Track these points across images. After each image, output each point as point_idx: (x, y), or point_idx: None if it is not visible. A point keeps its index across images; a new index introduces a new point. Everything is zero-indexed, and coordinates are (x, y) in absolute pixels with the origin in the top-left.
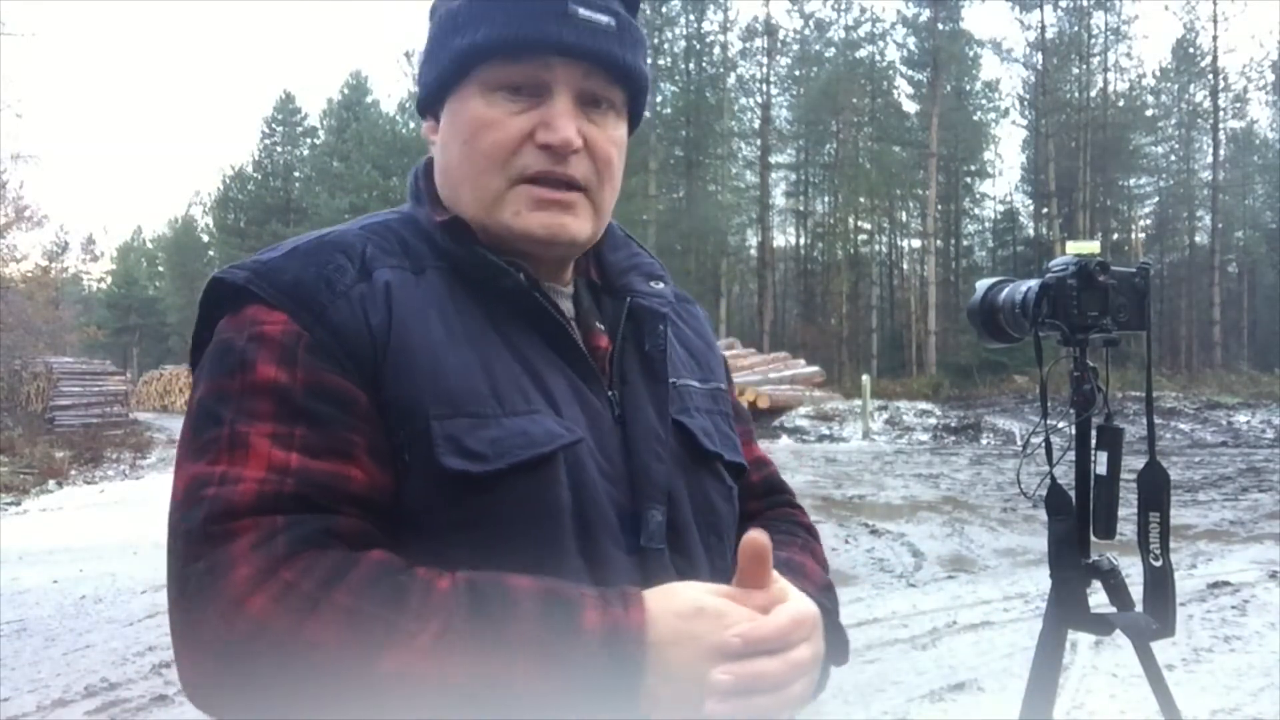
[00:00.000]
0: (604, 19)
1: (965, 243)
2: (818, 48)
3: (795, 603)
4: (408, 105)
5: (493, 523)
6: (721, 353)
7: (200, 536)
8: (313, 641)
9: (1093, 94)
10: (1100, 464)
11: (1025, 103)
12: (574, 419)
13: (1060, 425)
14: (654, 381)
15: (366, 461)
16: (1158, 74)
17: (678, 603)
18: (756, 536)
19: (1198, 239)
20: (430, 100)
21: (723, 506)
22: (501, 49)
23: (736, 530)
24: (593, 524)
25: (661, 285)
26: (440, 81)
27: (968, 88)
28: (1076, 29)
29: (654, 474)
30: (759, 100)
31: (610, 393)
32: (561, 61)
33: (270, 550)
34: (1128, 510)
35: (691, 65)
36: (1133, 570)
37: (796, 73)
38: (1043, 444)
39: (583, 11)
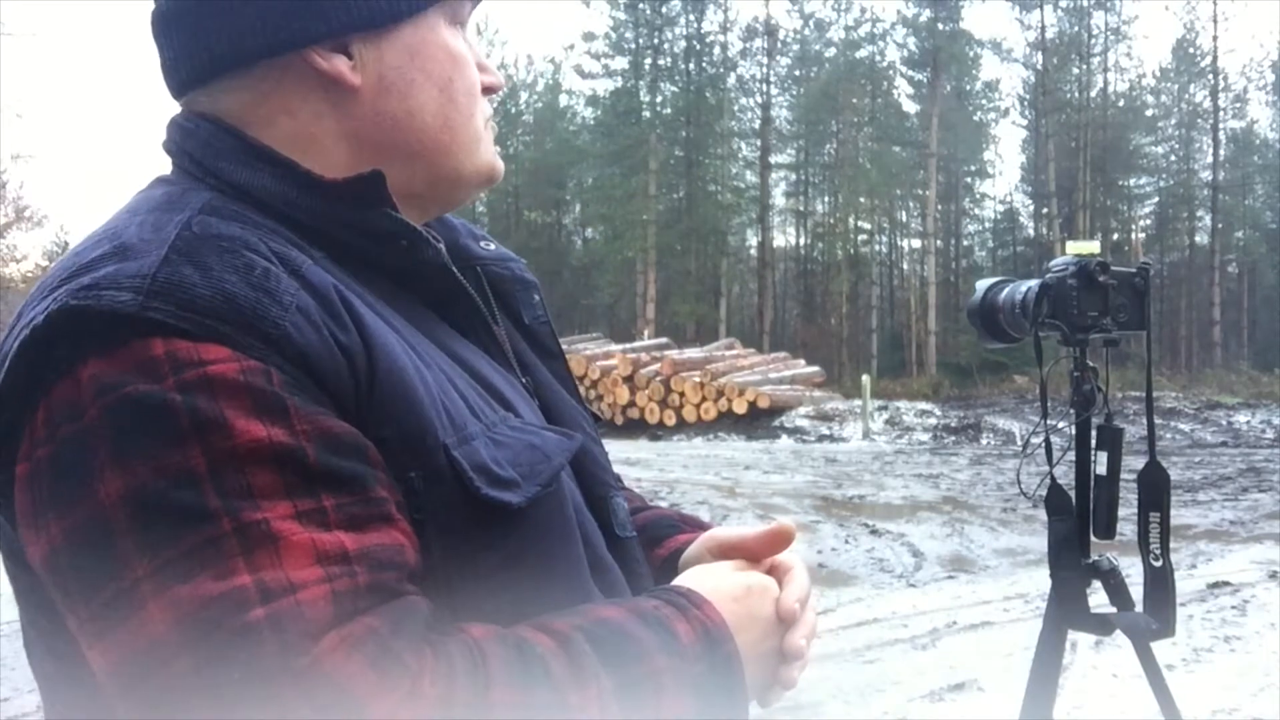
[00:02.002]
0: None
1: (965, 243)
2: (818, 48)
3: (787, 559)
4: None
5: (526, 558)
6: None
7: (286, 676)
8: None
9: (1093, 94)
10: (1100, 464)
11: (1025, 103)
12: (529, 417)
13: (1060, 425)
14: (549, 357)
15: (401, 521)
16: (1158, 74)
17: (726, 586)
18: (789, 526)
19: (1198, 239)
20: (353, 28)
21: (611, 477)
22: None
23: None
24: (585, 528)
25: (493, 245)
26: (399, 7)
27: (968, 88)
28: (1076, 29)
29: (598, 458)
30: (759, 100)
31: (524, 380)
32: None
33: (399, 664)
34: (1128, 510)
35: (691, 65)
36: (1133, 570)
37: (796, 73)
38: (1043, 444)
39: None
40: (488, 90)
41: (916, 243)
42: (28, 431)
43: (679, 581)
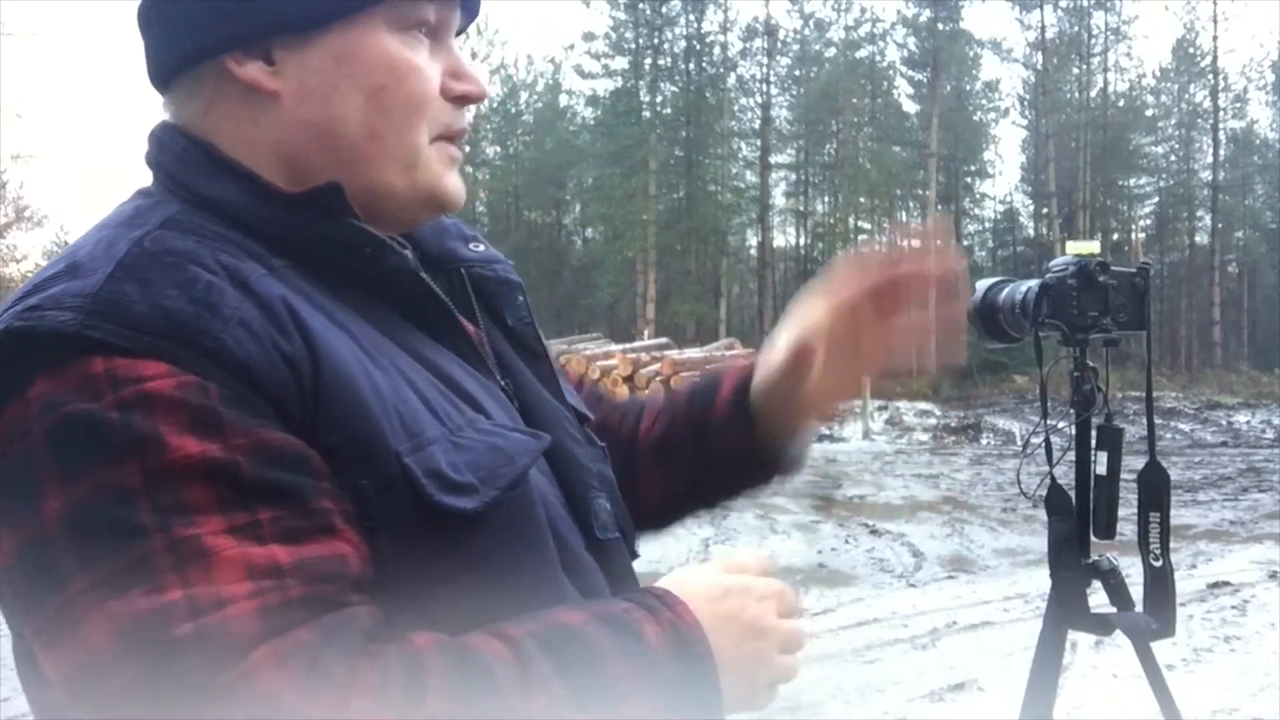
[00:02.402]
0: None
1: (965, 243)
2: (818, 48)
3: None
4: None
5: (489, 562)
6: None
7: (212, 693)
8: None
9: (1093, 94)
10: (1100, 464)
11: (1025, 103)
12: (501, 419)
13: (1060, 425)
14: (533, 359)
15: (347, 530)
16: (1158, 74)
17: (704, 586)
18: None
19: (1198, 239)
20: (271, 33)
21: (608, 471)
22: None
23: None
24: (558, 526)
25: (482, 246)
26: (324, 12)
27: (968, 88)
28: (1076, 29)
29: (580, 459)
30: (759, 100)
31: (503, 383)
32: (454, 3)
33: (327, 678)
34: (1128, 510)
35: (691, 65)
36: (1133, 570)
37: (796, 73)
38: (1043, 444)
39: None
40: (464, 99)
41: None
42: None
43: (659, 583)
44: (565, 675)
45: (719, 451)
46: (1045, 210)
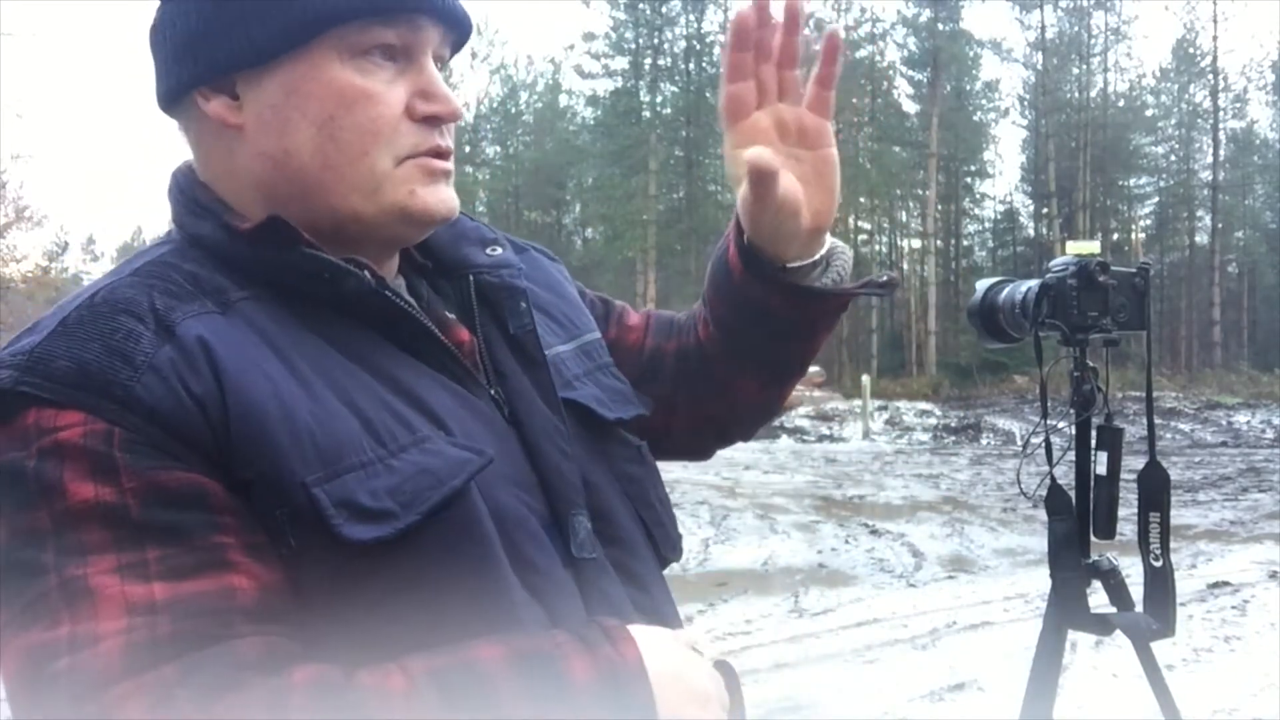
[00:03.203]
0: None
1: (965, 243)
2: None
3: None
4: None
5: (423, 581)
6: (573, 288)
7: None
8: None
9: (1093, 94)
10: (1100, 464)
11: (1025, 103)
12: (467, 433)
13: (1060, 425)
14: (531, 366)
15: (247, 563)
16: (1158, 74)
17: (663, 641)
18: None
19: (1198, 239)
20: (223, 71)
21: (638, 471)
22: (377, 9)
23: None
24: (523, 544)
25: (500, 250)
26: (272, 47)
27: (968, 88)
28: (1076, 29)
29: (566, 473)
30: None
31: (493, 391)
32: (429, 21)
33: (174, 714)
34: (1128, 510)
35: (691, 65)
36: (1133, 570)
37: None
38: (1043, 444)
39: None
40: (433, 120)
41: (916, 243)
42: None
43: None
44: (450, 716)
45: (766, 314)
46: (1045, 210)
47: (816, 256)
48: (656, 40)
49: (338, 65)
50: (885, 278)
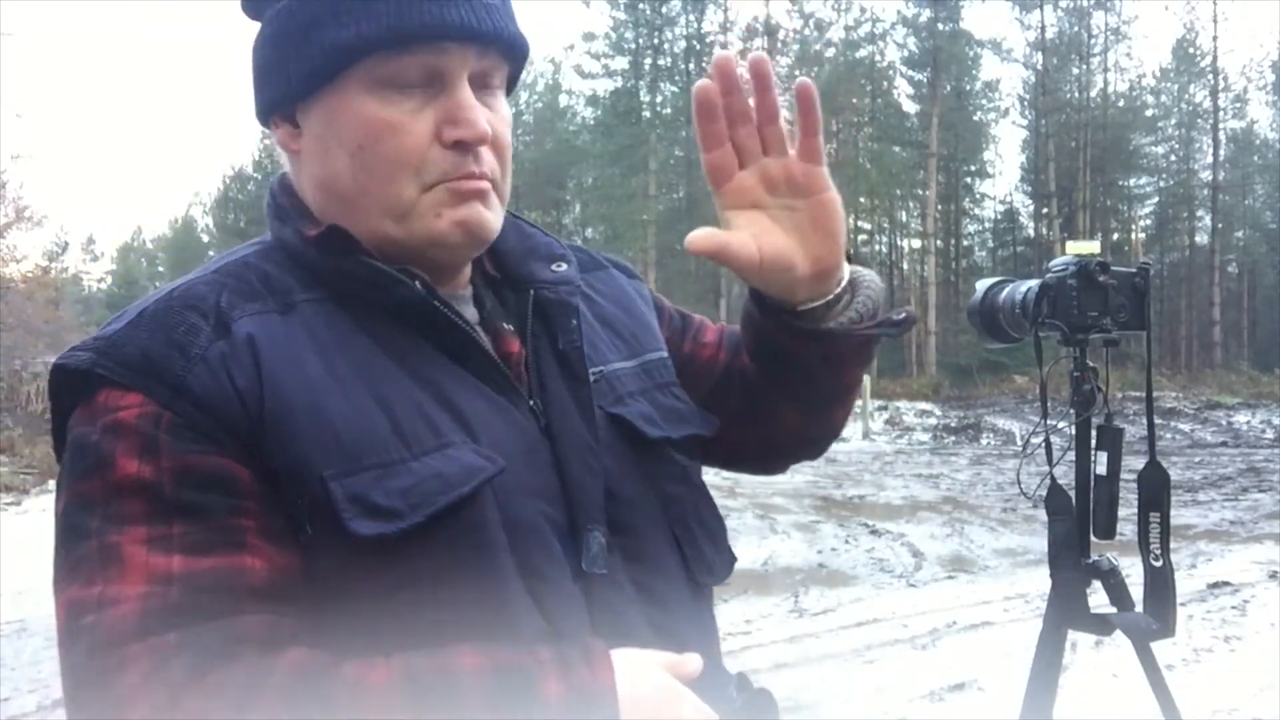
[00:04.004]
0: None
1: (965, 243)
2: (818, 48)
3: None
4: None
5: (425, 581)
6: (648, 304)
7: (86, 677)
8: None
9: (1093, 94)
10: (1100, 464)
11: (1025, 103)
12: (496, 441)
13: (1060, 425)
14: (575, 382)
15: (262, 546)
16: (1158, 74)
17: (650, 673)
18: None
19: (1198, 239)
20: (282, 103)
21: (681, 490)
22: (389, 41)
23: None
24: (533, 554)
25: (565, 266)
26: (305, 82)
27: (968, 88)
28: (1076, 29)
29: (589, 489)
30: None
31: (531, 402)
32: (455, 45)
33: (166, 679)
34: (1128, 510)
35: (691, 65)
36: (1133, 570)
37: (796, 73)
38: (1043, 444)
39: None
40: (460, 145)
41: (916, 243)
42: None
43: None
44: (418, 717)
45: (786, 352)
46: (1045, 210)
47: (831, 296)
48: (656, 40)
49: (364, 97)
50: (902, 315)
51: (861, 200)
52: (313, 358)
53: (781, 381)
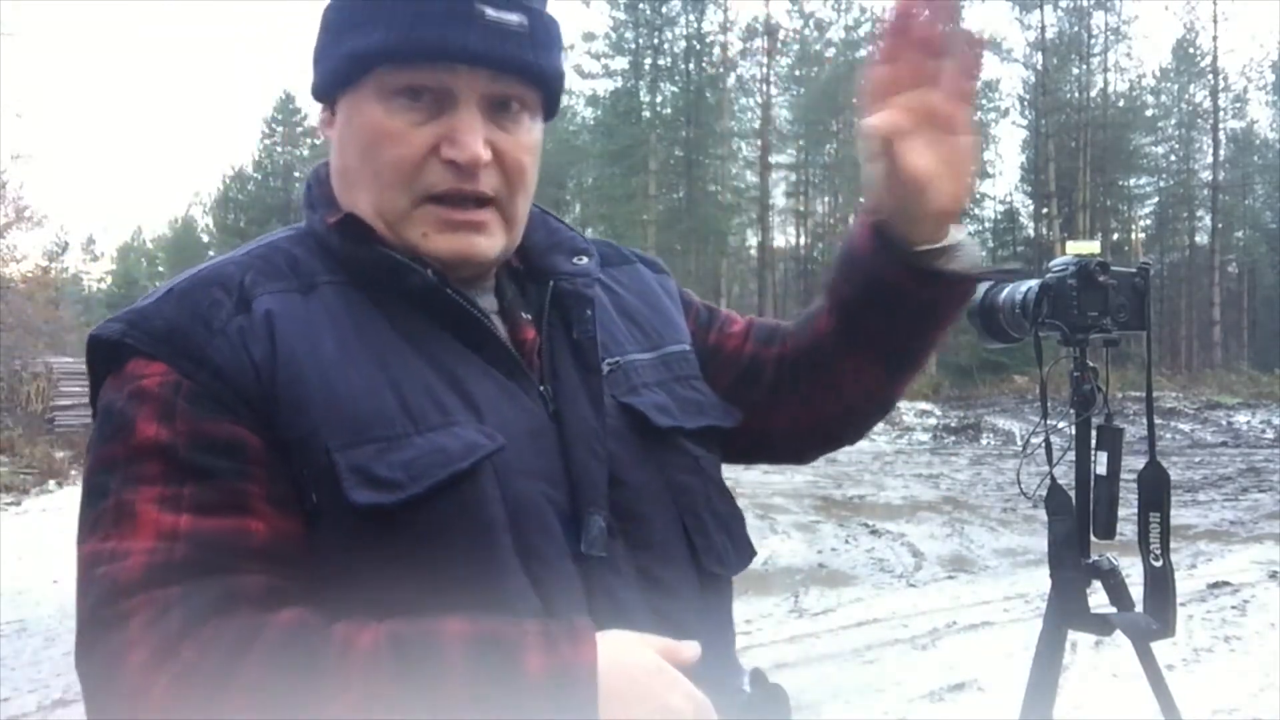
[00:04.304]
0: (514, 18)
1: None
2: (818, 48)
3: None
4: None
5: (422, 553)
6: (674, 299)
7: (93, 621)
8: None
9: (1093, 94)
10: (1100, 464)
11: (1025, 103)
12: (502, 423)
13: (1060, 425)
14: (586, 371)
15: (266, 510)
16: (1158, 74)
17: (638, 655)
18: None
19: (1198, 239)
20: (325, 92)
21: (692, 481)
22: (399, 54)
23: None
24: (531, 534)
25: (586, 260)
26: (334, 79)
27: None
28: (1076, 29)
29: (593, 474)
30: (759, 100)
31: (542, 388)
32: (465, 68)
33: (165, 627)
34: (1128, 510)
35: (691, 65)
36: (1133, 570)
37: (796, 73)
38: (1043, 444)
39: (490, 12)
40: (452, 165)
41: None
42: None
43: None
44: (400, 677)
45: (892, 293)
46: (1045, 210)
47: (943, 243)
48: (656, 40)
49: (374, 103)
50: (1015, 266)
51: (861, 200)
52: (328, 335)
53: (878, 331)
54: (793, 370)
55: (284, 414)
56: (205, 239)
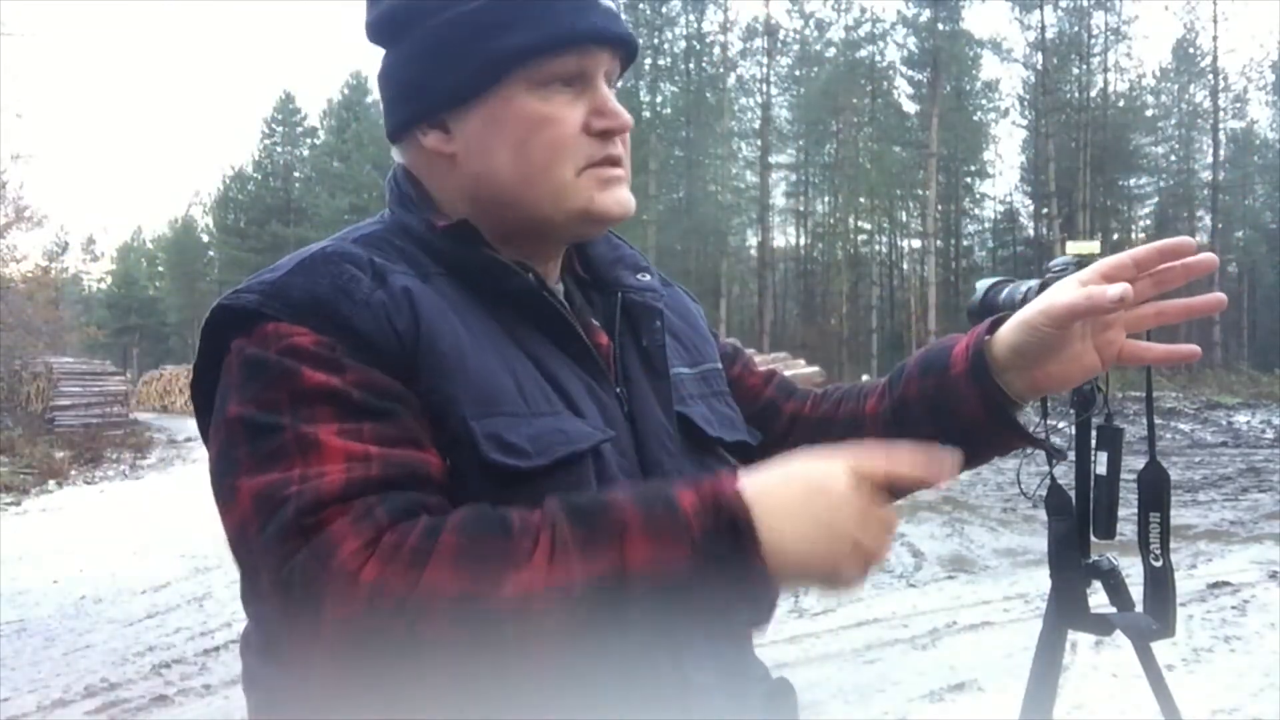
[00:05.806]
0: (612, 2)
1: (965, 243)
2: (818, 48)
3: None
4: None
5: None
6: (704, 325)
7: (295, 530)
8: (433, 588)
9: (1093, 94)
10: (1100, 464)
11: (1025, 103)
12: (592, 418)
13: (1060, 425)
14: (655, 376)
15: (435, 452)
16: (1158, 74)
17: (778, 473)
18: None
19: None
20: (434, 112)
21: None
22: (548, 47)
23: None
24: None
25: (648, 277)
26: (471, 88)
27: (968, 88)
28: (1076, 29)
29: (666, 469)
30: (759, 100)
31: (618, 389)
32: (597, 48)
33: (373, 521)
34: (1128, 510)
35: (691, 65)
36: (1133, 570)
37: (796, 73)
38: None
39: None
40: (606, 133)
41: (916, 243)
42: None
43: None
44: (579, 524)
45: (954, 413)
46: (1045, 210)
47: (1029, 402)
48: (656, 40)
49: (525, 96)
50: (1057, 446)
51: (861, 200)
52: (453, 318)
53: (920, 436)
54: (813, 430)
55: (425, 382)
56: (205, 239)
